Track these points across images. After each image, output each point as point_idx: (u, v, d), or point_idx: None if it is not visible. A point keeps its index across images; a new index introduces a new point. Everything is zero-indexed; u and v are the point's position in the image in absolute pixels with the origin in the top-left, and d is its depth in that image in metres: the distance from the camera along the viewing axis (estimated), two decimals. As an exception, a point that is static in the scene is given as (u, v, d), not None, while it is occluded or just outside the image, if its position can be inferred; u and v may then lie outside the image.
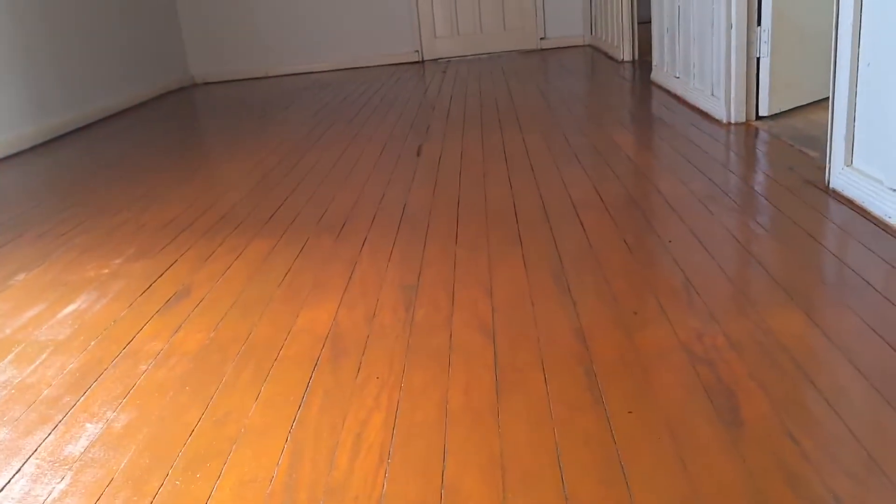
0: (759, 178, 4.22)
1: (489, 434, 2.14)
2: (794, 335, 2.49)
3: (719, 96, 5.56)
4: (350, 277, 3.32)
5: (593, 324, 2.68)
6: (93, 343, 2.85)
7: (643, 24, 8.98)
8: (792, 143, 4.74)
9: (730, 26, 5.28)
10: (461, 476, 1.98)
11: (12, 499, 2.01)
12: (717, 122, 5.55)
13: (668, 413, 2.17)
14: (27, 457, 2.18)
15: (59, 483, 2.05)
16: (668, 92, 6.89)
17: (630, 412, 2.18)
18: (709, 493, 1.86)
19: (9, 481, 2.07)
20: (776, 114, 5.39)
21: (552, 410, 2.22)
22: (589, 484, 1.93)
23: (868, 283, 2.80)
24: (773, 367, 2.32)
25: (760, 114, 5.39)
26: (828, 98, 3.91)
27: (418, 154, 5.51)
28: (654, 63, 7.43)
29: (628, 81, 7.87)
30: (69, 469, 2.11)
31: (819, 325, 2.53)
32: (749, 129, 5.28)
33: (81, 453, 2.18)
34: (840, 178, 3.77)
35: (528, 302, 2.90)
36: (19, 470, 2.12)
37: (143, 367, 2.63)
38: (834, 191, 3.82)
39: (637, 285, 2.95)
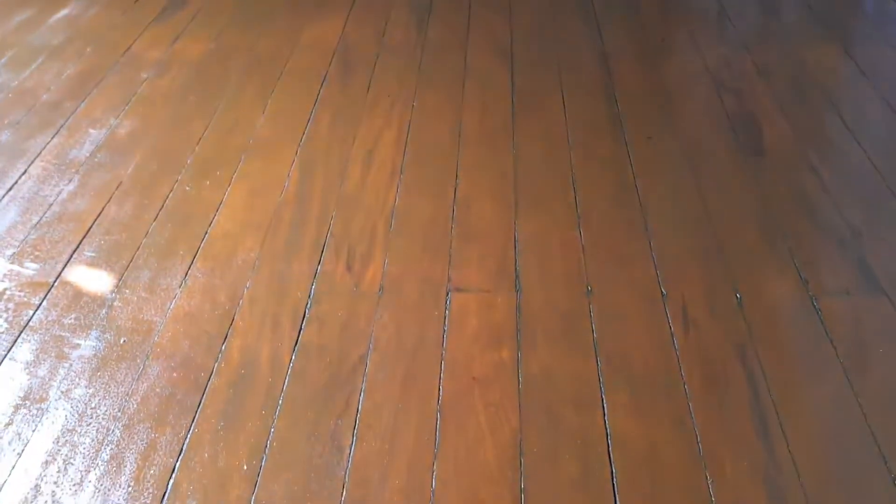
0: None
1: (503, 155, 2.10)
2: (827, 67, 2.37)
3: None
4: (357, -8, 3.09)
5: (618, 49, 2.54)
6: (89, 49, 2.71)
7: None
8: None
9: None
10: (473, 194, 1.96)
11: (21, 198, 1.99)
12: None
13: (689, 140, 2.11)
14: (32, 159, 2.14)
15: (67, 185, 2.03)
16: None
17: (649, 138, 2.12)
18: (723, 219, 1.85)
19: (16, 182, 2.05)
20: None
21: (569, 134, 2.16)
22: (602, 206, 1.91)
23: (912, 17, 2.63)
24: (800, 98, 2.23)
25: None
26: None
27: None
28: None
29: None
30: (76, 172, 2.08)
31: (853, 58, 2.40)
32: None
33: (87, 157, 2.14)
34: None
35: (549, 25, 2.73)
36: (25, 171, 2.09)
37: (144, 76, 2.52)
38: (888, -83, 3.48)
39: (667, 11, 2.77)
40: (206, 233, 1.86)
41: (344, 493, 1.31)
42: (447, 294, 1.68)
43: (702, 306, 1.63)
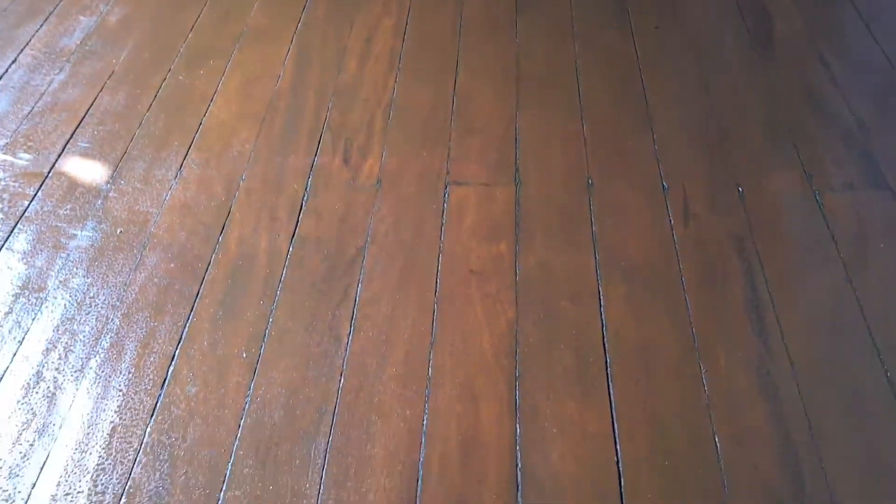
0: None
1: (505, 45, 2.03)
2: (845, -45, 2.27)
3: None
4: None
5: (625, -66, 2.43)
6: (75, -68, 2.60)
7: None
8: None
9: None
10: (474, 85, 1.91)
11: (12, 87, 1.95)
12: None
13: (697, 31, 2.04)
14: (21, 47, 2.08)
15: (58, 74, 1.98)
16: None
17: (656, 28, 2.05)
18: (728, 112, 1.80)
19: (6, 71, 2.00)
20: None
21: (574, 24, 2.09)
22: (606, 98, 1.87)
23: None
24: (815, -12, 2.15)
25: None
26: None
27: None
28: None
29: None
30: (67, 61, 2.03)
31: (873, -55, 2.30)
32: None
33: (78, 46, 2.08)
34: None
35: None
36: (15, 60, 2.04)
37: (133, -40, 2.43)
38: None
39: None
40: (201, 123, 1.82)
41: (342, 380, 1.33)
42: (446, 187, 1.66)
43: (703, 200, 1.61)
